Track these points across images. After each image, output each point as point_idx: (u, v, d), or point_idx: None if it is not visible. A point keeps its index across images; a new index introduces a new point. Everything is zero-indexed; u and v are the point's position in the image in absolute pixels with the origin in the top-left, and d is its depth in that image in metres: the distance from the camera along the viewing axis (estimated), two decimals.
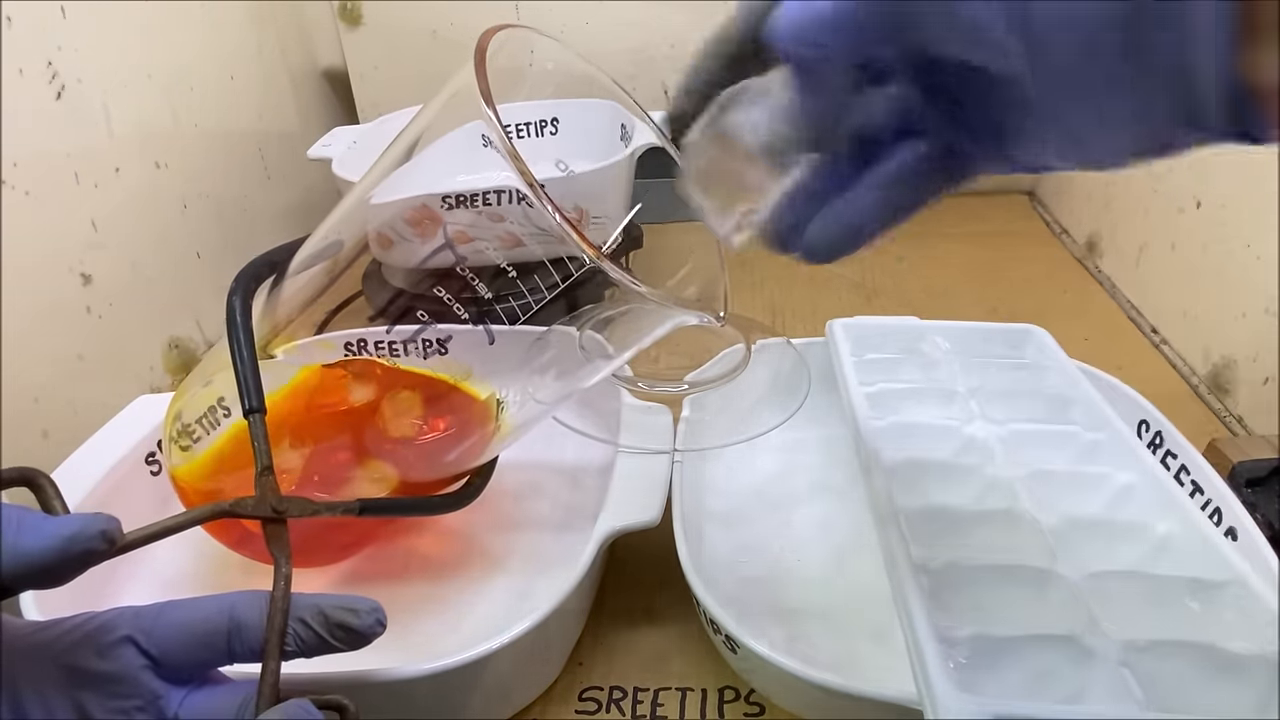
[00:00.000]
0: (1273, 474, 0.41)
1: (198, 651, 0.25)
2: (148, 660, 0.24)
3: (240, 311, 0.33)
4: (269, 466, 0.30)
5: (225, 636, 0.25)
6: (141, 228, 0.56)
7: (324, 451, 0.36)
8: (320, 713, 0.24)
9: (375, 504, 0.34)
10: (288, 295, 0.35)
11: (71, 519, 0.22)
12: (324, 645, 0.25)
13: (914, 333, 0.47)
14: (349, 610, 0.26)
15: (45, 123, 0.48)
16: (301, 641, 0.25)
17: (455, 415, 0.38)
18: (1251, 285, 0.52)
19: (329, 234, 0.35)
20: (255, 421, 0.30)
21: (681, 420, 0.44)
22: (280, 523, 0.29)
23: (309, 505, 0.30)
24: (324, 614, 0.25)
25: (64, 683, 0.23)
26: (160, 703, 0.24)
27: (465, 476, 0.38)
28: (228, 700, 0.25)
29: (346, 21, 0.79)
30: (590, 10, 0.76)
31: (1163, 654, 0.27)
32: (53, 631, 0.24)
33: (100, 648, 0.24)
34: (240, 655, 0.25)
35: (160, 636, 0.24)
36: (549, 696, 0.36)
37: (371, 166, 0.33)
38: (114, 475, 0.40)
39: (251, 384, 0.31)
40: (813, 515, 0.44)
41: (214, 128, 0.65)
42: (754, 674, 0.35)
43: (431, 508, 0.36)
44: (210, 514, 0.28)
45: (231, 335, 0.32)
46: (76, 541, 0.22)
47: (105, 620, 0.24)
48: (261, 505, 0.29)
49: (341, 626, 0.25)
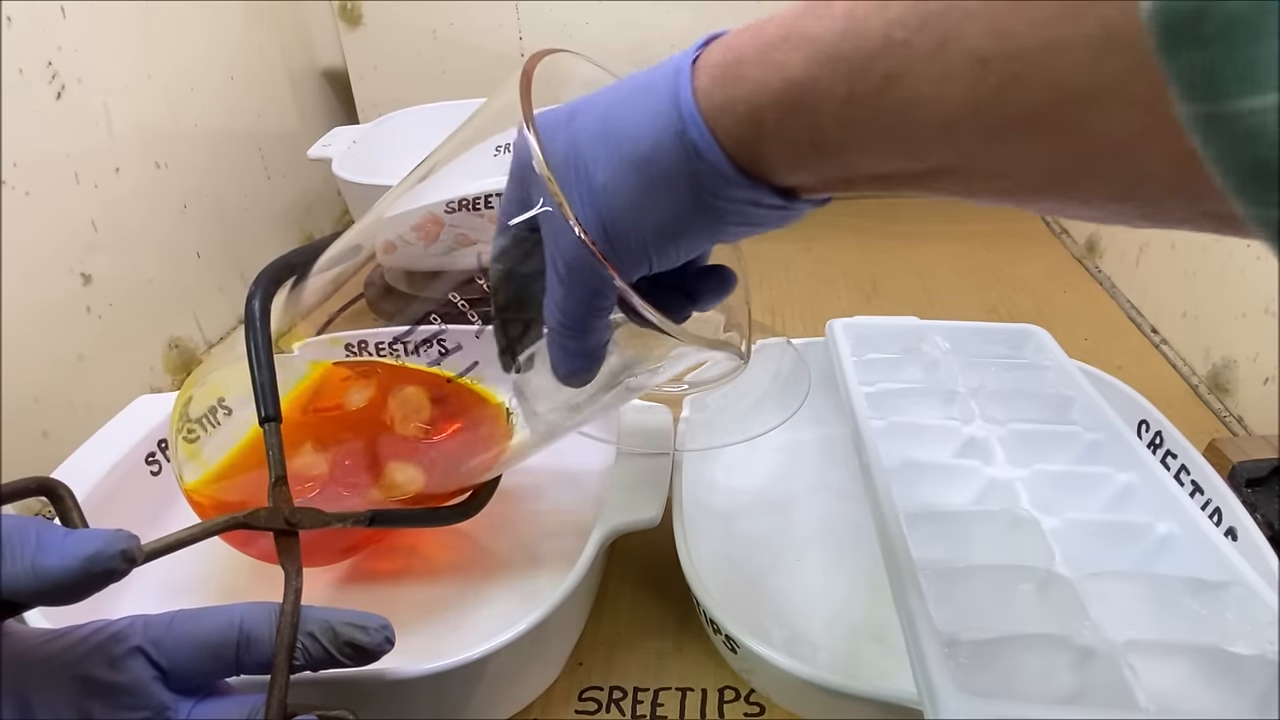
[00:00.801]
0: (1273, 474, 0.41)
1: (207, 663, 0.25)
2: (157, 671, 0.24)
3: (260, 316, 0.32)
4: (282, 477, 0.29)
5: (234, 649, 0.25)
6: (141, 228, 0.56)
7: (347, 454, 0.36)
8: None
9: (385, 515, 0.33)
10: (311, 291, 0.35)
11: (91, 536, 0.22)
12: (331, 661, 0.26)
13: (914, 333, 0.47)
14: (358, 628, 0.26)
15: (45, 123, 0.48)
16: (309, 656, 0.25)
17: (482, 426, 0.38)
18: (1251, 285, 0.52)
19: (355, 237, 0.35)
20: (270, 430, 0.30)
21: (681, 420, 0.44)
22: (292, 535, 0.29)
23: (321, 516, 0.30)
24: (333, 630, 0.26)
25: (74, 692, 0.23)
26: (168, 714, 0.24)
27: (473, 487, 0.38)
28: (235, 712, 0.25)
29: (346, 21, 0.79)
30: (590, 10, 0.76)
31: (1162, 654, 0.27)
32: (63, 641, 0.24)
33: (111, 658, 0.24)
34: (248, 667, 0.25)
35: (170, 648, 0.24)
36: (549, 696, 0.36)
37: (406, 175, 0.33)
38: (114, 475, 0.40)
39: (268, 392, 0.31)
40: (813, 515, 0.44)
41: (214, 128, 0.65)
42: (754, 674, 0.35)
43: (440, 518, 0.36)
44: (225, 525, 0.28)
45: (250, 339, 0.32)
46: (97, 562, 0.22)
47: (115, 631, 0.24)
48: (275, 517, 0.29)
49: (350, 644, 0.26)
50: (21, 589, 0.21)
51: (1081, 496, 0.35)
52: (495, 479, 0.38)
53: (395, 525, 0.36)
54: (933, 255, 0.76)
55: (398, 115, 0.73)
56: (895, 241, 0.78)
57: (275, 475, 0.29)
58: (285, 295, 0.35)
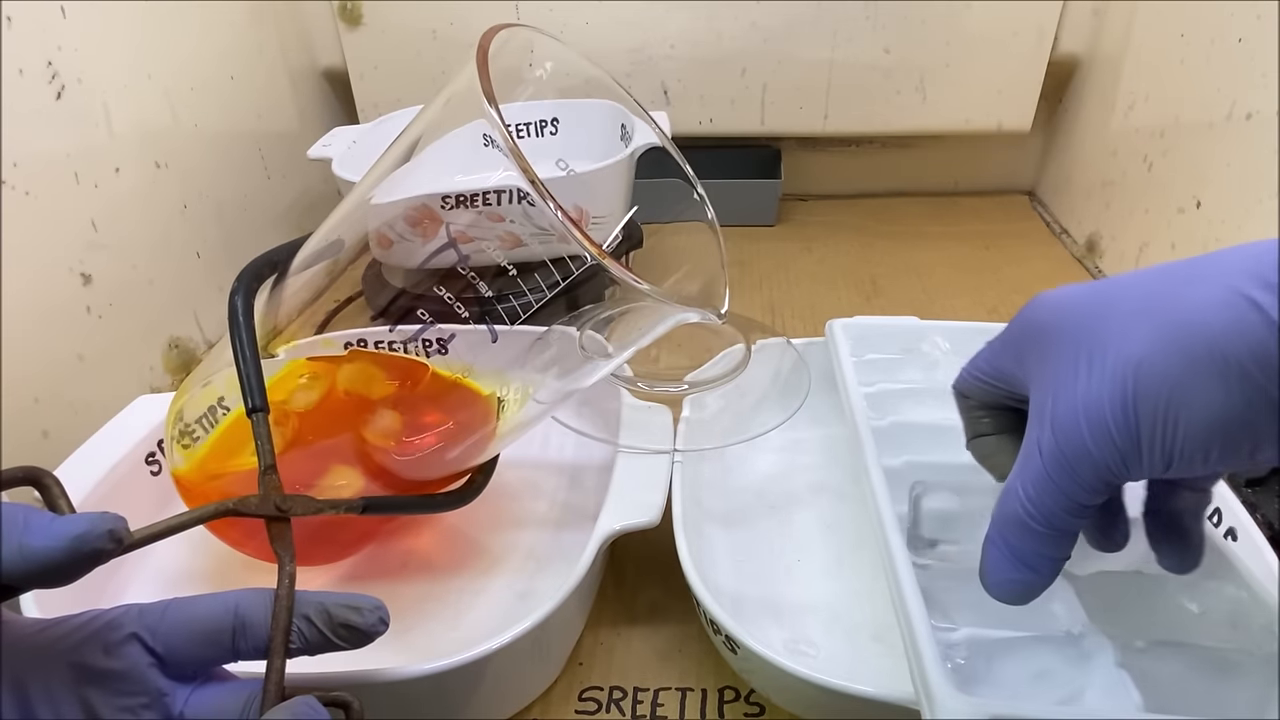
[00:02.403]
0: (1273, 474, 0.41)
1: (203, 649, 0.25)
2: (153, 658, 0.24)
3: (243, 311, 0.33)
4: (272, 465, 0.30)
5: (230, 634, 0.25)
6: (141, 228, 0.56)
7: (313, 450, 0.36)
8: (326, 710, 0.24)
9: (379, 502, 0.34)
10: (289, 294, 0.35)
11: (78, 518, 0.22)
12: (327, 643, 0.26)
13: (914, 333, 0.47)
14: (352, 609, 0.26)
15: (45, 123, 0.48)
16: (305, 639, 0.25)
17: (460, 411, 0.38)
18: None
19: (330, 233, 0.35)
20: (259, 421, 0.30)
21: (681, 420, 0.44)
22: (284, 521, 0.29)
23: (312, 503, 0.30)
24: (328, 612, 0.26)
25: (70, 680, 0.23)
26: (166, 700, 0.24)
27: (468, 474, 0.37)
28: (233, 698, 0.25)
29: (346, 21, 0.79)
30: (590, 10, 0.76)
31: (1161, 654, 0.27)
32: (58, 630, 0.24)
33: (106, 645, 0.24)
34: (245, 653, 0.25)
35: (165, 634, 0.24)
36: (549, 696, 0.36)
37: (373, 166, 0.33)
38: (114, 475, 0.40)
39: (254, 383, 0.31)
40: (813, 515, 0.44)
41: (214, 128, 0.65)
42: (754, 674, 0.35)
43: (435, 505, 0.36)
44: (214, 513, 0.28)
45: (234, 334, 0.32)
46: (84, 541, 0.22)
47: (111, 618, 0.25)
48: (265, 504, 0.29)
49: (345, 625, 0.26)
50: (10, 571, 0.21)
51: None
52: (491, 464, 0.38)
53: (390, 512, 0.36)
54: (933, 255, 0.76)
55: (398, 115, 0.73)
56: (895, 241, 0.78)
57: (265, 464, 0.30)
58: (268, 294, 0.35)
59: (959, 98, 0.79)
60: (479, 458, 0.37)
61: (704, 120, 0.81)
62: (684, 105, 0.79)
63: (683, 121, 0.79)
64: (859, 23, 0.75)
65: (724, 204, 0.92)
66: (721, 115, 0.80)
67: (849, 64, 0.77)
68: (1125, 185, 0.70)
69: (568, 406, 0.45)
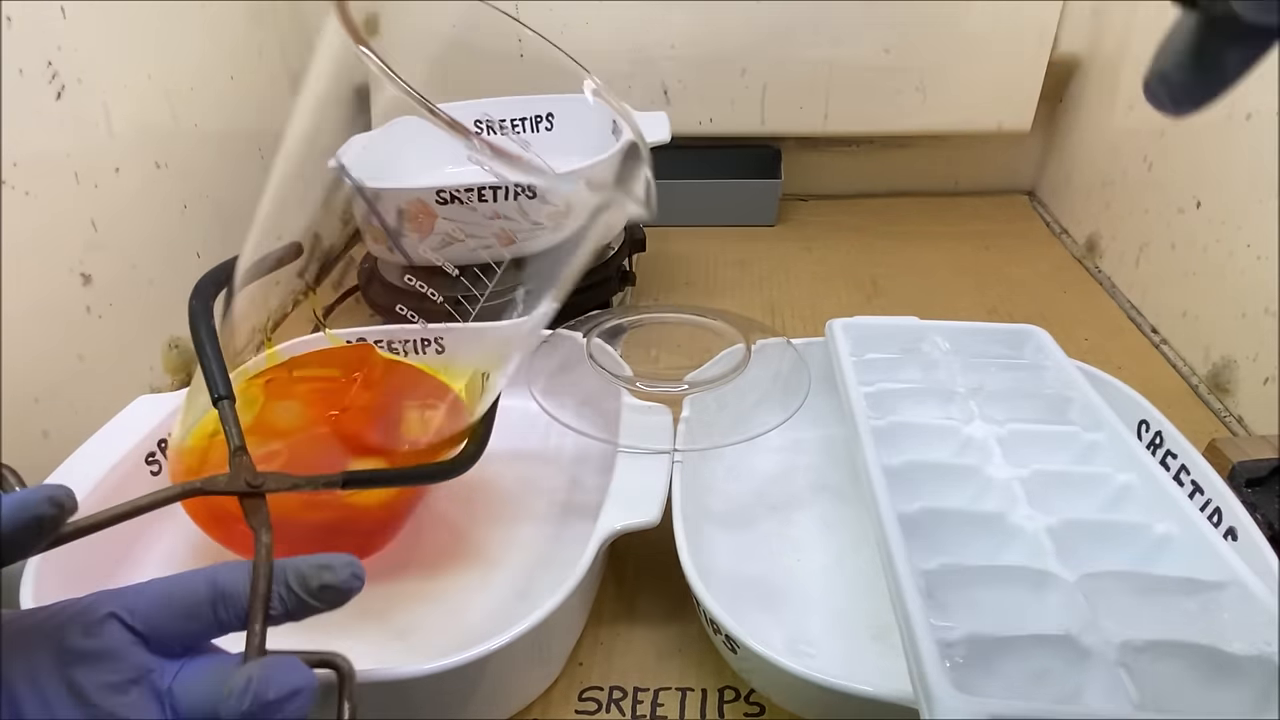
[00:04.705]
0: (1273, 474, 0.41)
1: (184, 623, 0.25)
2: (135, 636, 0.24)
3: (201, 312, 0.35)
4: (241, 446, 0.30)
5: (210, 605, 0.25)
6: (141, 228, 0.56)
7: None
8: (310, 670, 0.24)
9: (360, 476, 0.33)
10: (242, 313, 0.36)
11: (21, 492, 0.23)
12: (306, 607, 0.26)
13: (914, 333, 0.47)
14: (325, 567, 0.26)
15: (45, 123, 0.48)
16: (284, 605, 0.25)
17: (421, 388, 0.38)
18: (1251, 285, 0.52)
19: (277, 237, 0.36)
20: (224, 407, 0.31)
21: (681, 420, 0.44)
22: (258, 497, 0.29)
23: (287, 479, 0.30)
24: (303, 575, 0.26)
25: (54, 664, 0.23)
26: (153, 675, 0.24)
27: (459, 442, 0.37)
28: (219, 669, 0.25)
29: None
30: (590, 10, 0.76)
31: (1160, 654, 0.27)
32: (35, 618, 0.24)
33: (86, 626, 0.24)
34: (228, 623, 0.25)
35: (145, 611, 0.25)
36: (549, 696, 0.36)
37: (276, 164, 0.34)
38: (114, 475, 0.40)
39: (218, 373, 0.33)
40: (813, 515, 0.44)
41: (214, 128, 0.65)
42: (754, 674, 0.35)
43: (421, 477, 0.36)
44: (180, 493, 0.28)
45: (195, 331, 0.34)
46: (25, 508, 0.22)
47: (87, 603, 0.25)
48: (235, 481, 0.29)
49: (322, 586, 0.26)
50: None
51: (1080, 497, 0.35)
52: (485, 434, 0.37)
53: (371, 486, 0.35)
54: (933, 255, 0.76)
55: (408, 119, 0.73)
56: (895, 241, 0.78)
57: (234, 445, 0.30)
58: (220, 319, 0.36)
59: (959, 98, 0.79)
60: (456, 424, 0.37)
61: (704, 120, 0.81)
62: (684, 105, 0.79)
63: (683, 121, 0.79)
64: (859, 23, 0.75)
65: (724, 204, 0.92)
66: (721, 115, 0.80)
67: (849, 64, 0.77)
68: (1125, 185, 0.70)
69: (568, 407, 0.45)
